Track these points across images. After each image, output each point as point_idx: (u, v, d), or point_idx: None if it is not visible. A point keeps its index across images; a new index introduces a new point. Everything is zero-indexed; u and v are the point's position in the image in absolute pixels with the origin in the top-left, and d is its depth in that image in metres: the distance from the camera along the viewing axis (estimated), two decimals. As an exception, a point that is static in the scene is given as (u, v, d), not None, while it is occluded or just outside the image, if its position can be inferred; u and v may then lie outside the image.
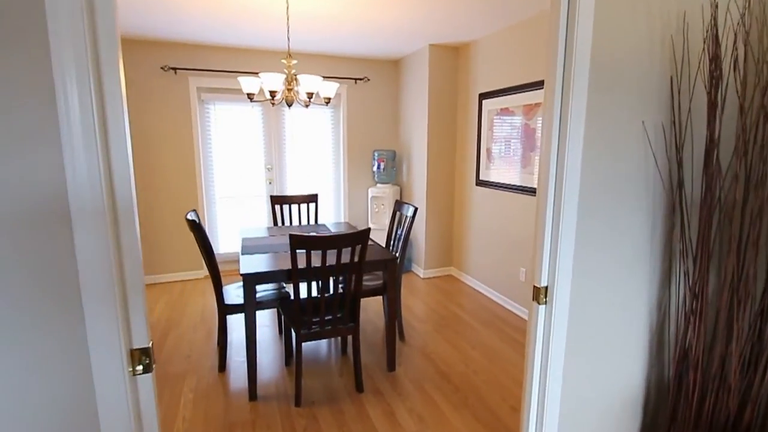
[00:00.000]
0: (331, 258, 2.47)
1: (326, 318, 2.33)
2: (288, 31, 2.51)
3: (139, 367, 0.95)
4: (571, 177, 1.29)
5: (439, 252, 4.46)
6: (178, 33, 3.62)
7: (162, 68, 4.00)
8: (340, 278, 2.89)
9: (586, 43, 1.24)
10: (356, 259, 2.34)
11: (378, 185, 4.69)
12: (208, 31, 3.57)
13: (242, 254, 2.56)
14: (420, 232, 4.46)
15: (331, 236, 2.05)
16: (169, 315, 3.54)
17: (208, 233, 4.47)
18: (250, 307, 2.23)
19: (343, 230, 3.27)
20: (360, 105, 4.74)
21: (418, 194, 4.45)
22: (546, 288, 1.37)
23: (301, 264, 2.29)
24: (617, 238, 1.42)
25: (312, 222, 4.82)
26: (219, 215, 4.54)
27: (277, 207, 4.62)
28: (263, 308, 2.57)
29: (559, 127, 1.29)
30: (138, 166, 4.11)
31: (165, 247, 4.31)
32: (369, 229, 2.17)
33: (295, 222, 4.48)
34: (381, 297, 3.58)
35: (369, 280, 2.92)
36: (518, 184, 3.37)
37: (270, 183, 4.66)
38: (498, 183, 3.63)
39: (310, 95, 2.52)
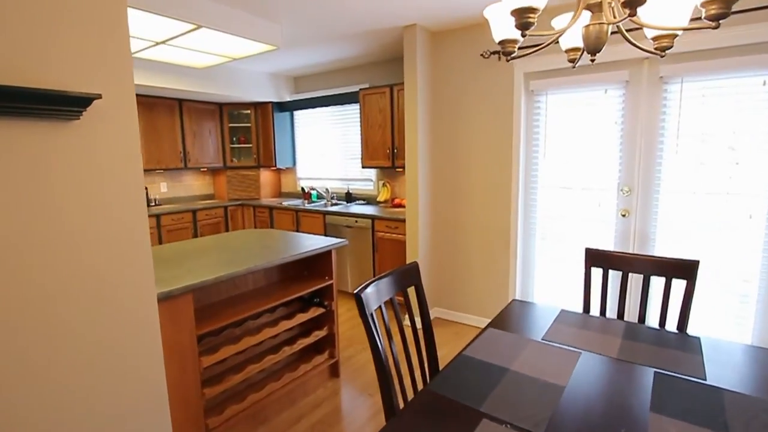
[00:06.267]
0: None
1: None
2: None
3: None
4: None
5: None
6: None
7: (482, 55, 3.08)
8: None
9: None
10: None
11: None
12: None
13: (450, 367, 1.24)
14: None
15: None
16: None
17: (519, 287, 3.23)
18: None
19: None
20: None
21: None
22: None
23: None
24: None
25: (674, 326, 2.49)
26: (537, 260, 3.15)
27: (597, 272, 2.19)
28: None
29: None
30: (443, 179, 3.42)
31: (462, 278, 3.44)
32: None
33: (632, 314, 2.36)
34: None
35: None
36: None
37: (624, 216, 2.80)
38: None
39: (631, 12, 0.81)
